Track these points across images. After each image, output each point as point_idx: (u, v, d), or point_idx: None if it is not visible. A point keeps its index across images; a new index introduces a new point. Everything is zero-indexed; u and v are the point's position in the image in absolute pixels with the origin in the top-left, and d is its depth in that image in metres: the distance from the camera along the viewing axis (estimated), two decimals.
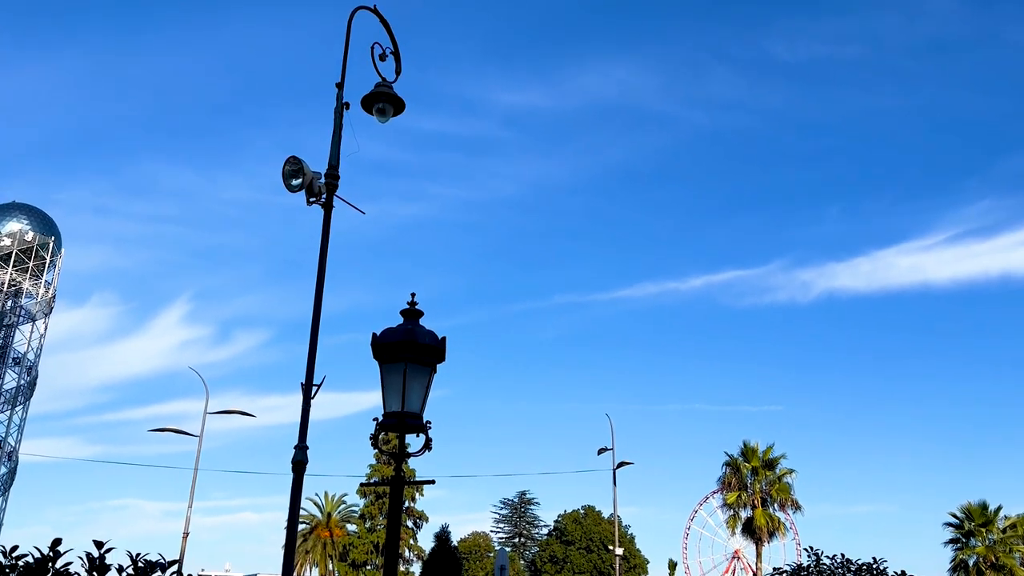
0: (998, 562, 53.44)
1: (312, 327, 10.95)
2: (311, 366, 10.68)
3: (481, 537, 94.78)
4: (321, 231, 11.37)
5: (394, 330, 6.65)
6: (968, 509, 56.16)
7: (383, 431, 6.55)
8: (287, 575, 10.04)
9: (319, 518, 72.85)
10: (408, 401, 6.49)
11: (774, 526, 52.55)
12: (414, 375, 6.54)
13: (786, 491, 52.77)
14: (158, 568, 7.07)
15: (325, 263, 11.13)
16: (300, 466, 10.35)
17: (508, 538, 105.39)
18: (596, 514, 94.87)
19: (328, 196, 11.19)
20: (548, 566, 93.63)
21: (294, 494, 10.25)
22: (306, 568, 73.47)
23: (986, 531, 55.01)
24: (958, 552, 55.50)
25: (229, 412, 33.24)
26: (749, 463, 53.81)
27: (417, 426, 6.53)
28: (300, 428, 10.64)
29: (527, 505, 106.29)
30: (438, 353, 6.67)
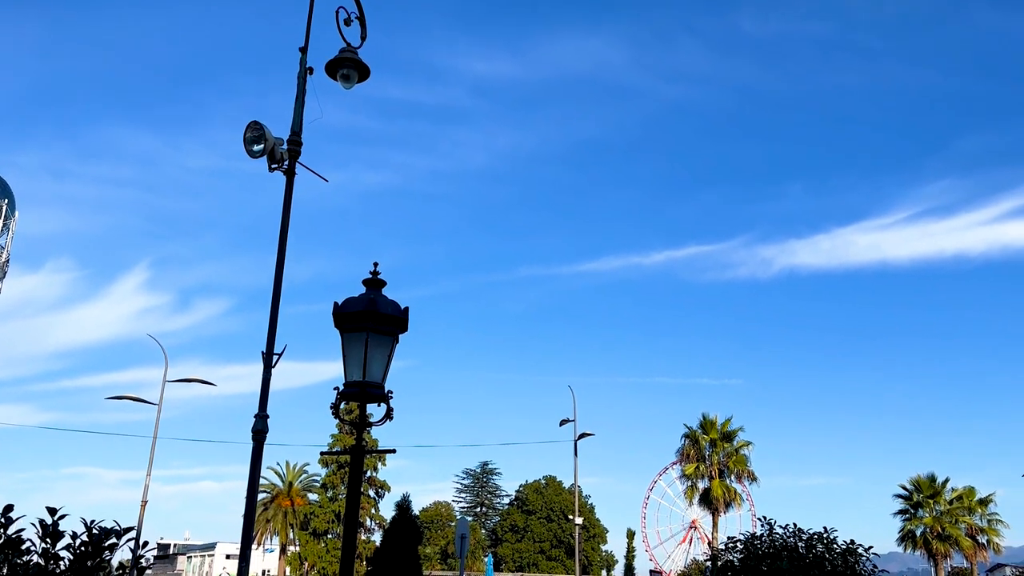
0: (944, 532, 55.23)
1: (273, 296, 10.83)
2: (272, 335, 10.59)
3: (443, 507, 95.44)
4: (283, 198, 11.25)
5: (356, 299, 6.60)
6: (917, 481, 57.86)
7: (344, 400, 6.52)
8: (246, 543, 10.03)
9: (280, 487, 72.69)
10: (369, 371, 6.46)
11: (730, 497, 53.61)
12: (376, 345, 6.50)
13: (743, 463, 53.79)
14: (113, 535, 7.01)
15: (287, 231, 10.99)
16: (260, 435, 10.30)
17: (470, 508, 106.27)
18: (557, 484, 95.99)
19: (290, 163, 11.02)
20: (509, 535, 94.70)
21: (254, 463, 10.20)
22: (267, 536, 73.38)
23: (933, 502, 56.77)
24: (906, 523, 57.24)
25: (188, 380, 32.86)
26: (707, 435, 54.69)
27: (379, 396, 6.50)
28: (260, 397, 10.56)
29: (489, 475, 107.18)
30: (400, 323, 6.64)
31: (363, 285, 6.77)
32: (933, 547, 55.40)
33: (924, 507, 56.79)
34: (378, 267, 6.90)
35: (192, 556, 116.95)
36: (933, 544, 55.36)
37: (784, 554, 8.61)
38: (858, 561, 8.55)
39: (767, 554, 8.69)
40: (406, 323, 6.69)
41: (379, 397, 6.52)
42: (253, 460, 10.35)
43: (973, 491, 58.37)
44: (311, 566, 59.30)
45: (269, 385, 10.70)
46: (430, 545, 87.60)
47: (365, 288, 6.76)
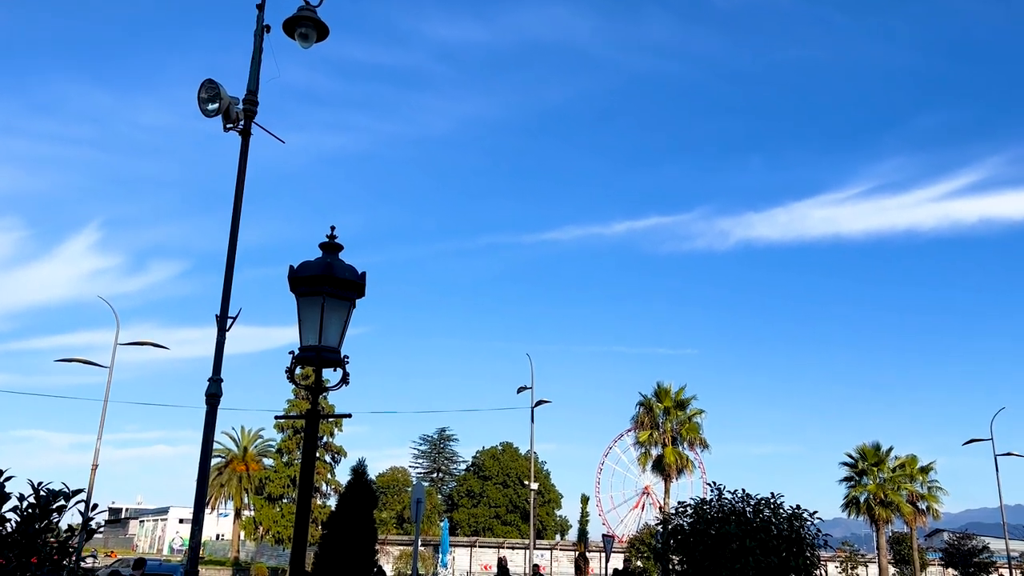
0: (887, 499, 57.14)
1: (228, 258, 10.67)
2: (226, 298, 10.45)
3: (400, 472, 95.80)
4: (238, 159, 11.03)
5: (312, 263, 6.52)
6: (862, 450, 59.63)
7: (299, 365, 6.47)
8: (199, 507, 9.97)
9: (235, 452, 72.20)
10: (326, 335, 6.41)
11: (683, 463, 54.65)
12: (332, 309, 6.44)
13: (695, 431, 54.79)
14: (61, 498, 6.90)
15: (242, 193, 10.80)
16: (214, 399, 10.20)
17: (427, 473, 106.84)
18: (514, 451, 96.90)
19: (246, 123, 10.79)
20: (465, 500, 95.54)
21: (207, 427, 10.11)
22: (221, 501, 72.98)
23: (877, 470, 58.61)
24: (851, 489, 59.05)
25: (141, 344, 32.32)
26: (662, 403, 55.53)
27: (335, 360, 6.47)
28: (215, 361, 10.45)
29: (446, 441, 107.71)
30: (357, 288, 6.58)
31: (320, 249, 6.70)
32: (876, 513, 57.32)
33: (868, 475, 58.63)
34: (335, 231, 6.82)
35: (144, 520, 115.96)
36: (876, 510, 57.26)
37: (732, 518, 8.81)
38: (803, 525, 8.79)
39: (716, 518, 8.88)
40: (363, 288, 6.64)
41: (335, 362, 6.49)
42: (207, 424, 10.26)
43: (915, 459, 60.40)
44: (266, 530, 59.22)
45: (223, 349, 10.58)
46: (386, 510, 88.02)
47: (322, 252, 6.68)
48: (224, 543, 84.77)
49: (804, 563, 8.74)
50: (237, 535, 70.49)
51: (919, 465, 60.16)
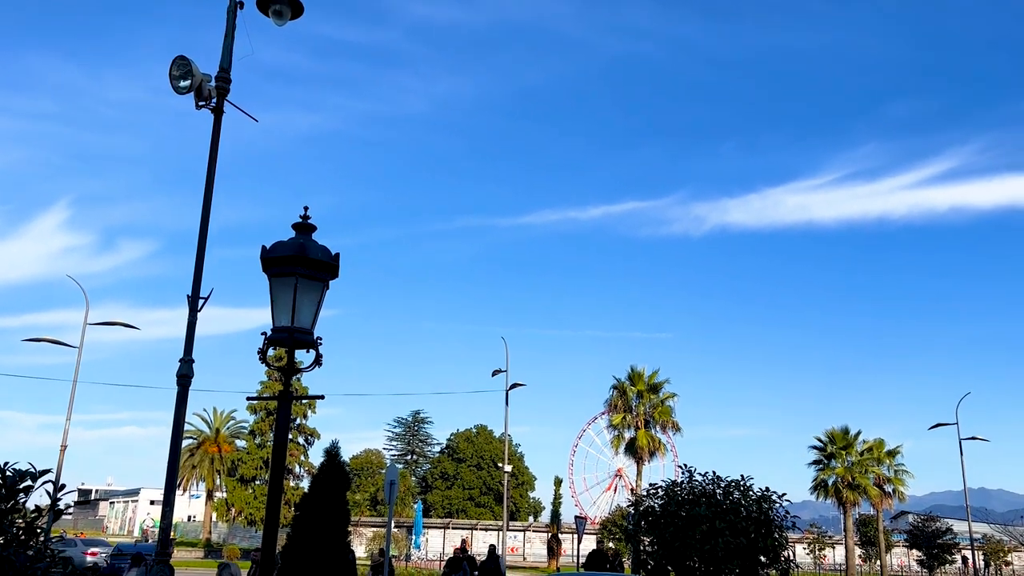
0: (854, 481, 58.10)
1: (199, 237, 10.56)
2: (198, 278, 10.35)
3: (374, 454, 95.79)
4: (211, 137, 10.88)
5: (285, 243, 6.46)
6: (831, 434, 60.52)
7: (272, 346, 6.41)
8: (169, 489, 9.91)
9: (207, 433, 71.75)
10: (298, 316, 6.36)
11: (655, 446, 55.14)
12: (305, 290, 6.39)
13: (668, 414, 55.26)
14: (28, 478, 6.82)
15: (214, 171, 10.68)
16: (185, 380, 10.13)
17: (401, 455, 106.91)
18: (488, 433, 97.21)
19: (218, 101, 10.65)
20: (439, 482, 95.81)
21: (179, 408, 10.04)
22: (193, 482, 72.59)
23: (846, 454, 59.53)
24: (820, 472, 59.95)
25: (111, 324, 31.93)
26: (635, 387, 55.92)
27: (308, 342, 6.42)
28: (186, 342, 10.36)
29: (420, 424, 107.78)
30: (331, 269, 6.53)
31: (293, 229, 6.63)
32: (843, 496, 58.28)
33: (837, 458, 59.54)
34: (308, 211, 6.75)
35: (115, 502, 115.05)
36: (844, 493, 58.22)
37: (703, 500, 8.91)
38: (772, 508, 8.92)
39: (686, 500, 8.98)
40: (337, 269, 6.59)
41: (308, 343, 6.44)
42: (178, 405, 10.19)
43: (882, 443, 61.42)
44: (238, 512, 59.01)
45: (195, 329, 10.50)
46: (360, 492, 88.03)
47: (295, 232, 6.62)
48: (196, 525, 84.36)
49: (772, 544, 8.87)
50: (209, 516, 70.20)
51: (886, 449, 61.19)
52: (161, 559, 9.56)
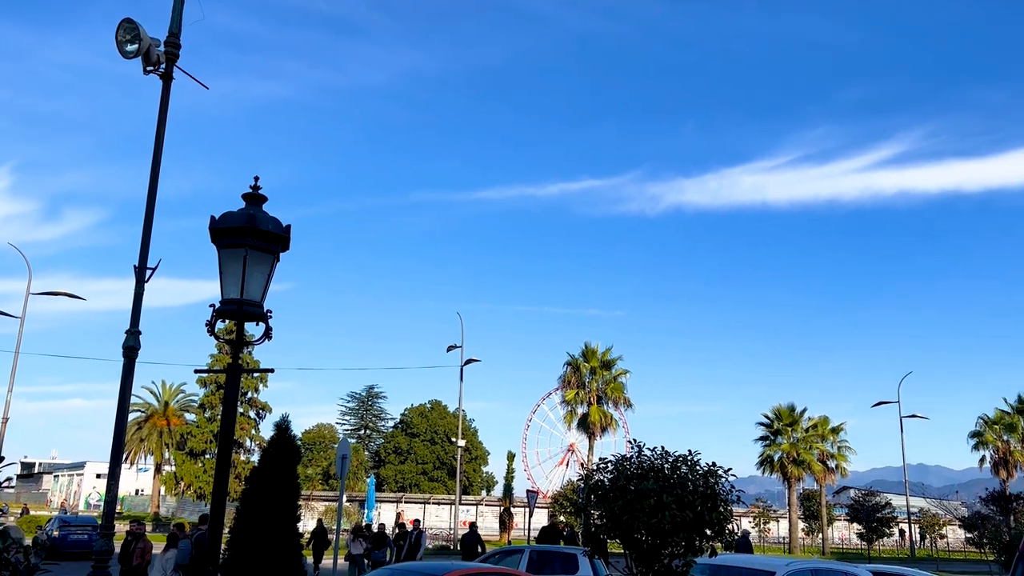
0: (799, 457, 59.64)
1: (147, 207, 10.32)
2: (145, 249, 10.13)
3: (326, 429, 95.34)
4: (159, 104, 10.60)
5: (235, 214, 6.34)
6: (778, 411, 61.95)
7: (220, 318, 6.31)
8: (115, 462, 9.75)
9: (156, 407, 70.62)
10: (248, 289, 6.26)
11: (607, 422, 55.89)
12: (255, 262, 6.29)
13: (620, 390, 55.99)
14: None
15: (163, 139, 10.42)
16: (132, 352, 9.94)
17: (354, 430, 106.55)
18: (442, 408, 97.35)
19: (167, 66, 10.38)
20: (392, 457, 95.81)
21: (124, 380, 9.86)
22: (141, 456, 71.50)
23: (791, 430, 61.04)
24: (766, 448, 61.41)
25: (55, 294, 31.15)
26: (588, 363, 56.50)
27: (257, 315, 6.33)
28: (132, 313, 10.16)
29: (374, 399, 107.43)
30: (282, 241, 6.44)
31: (243, 200, 6.51)
32: (788, 471, 59.82)
33: (783, 434, 61.02)
34: (259, 181, 6.64)
35: (59, 475, 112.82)
36: (789, 468, 59.75)
37: (651, 475, 9.05)
38: (718, 482, 9.09)
39: (635, 475, 9.11)
40: (288, 241, 6.50)
41: (258, 316, 6.35)
42: (124, 377, 10.00)
43: (827, 420, 63.08)
44: (187, 486, 58.31)
45: (142, 301, 10.29)
46: (312, 466, 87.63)
47: (245, 203, 6.50)
48: (144, 498, 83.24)
49: (718, 517, 9.07)
50: (157, 490, 69.29)
51: (830, 426, 62.88)
52: (106, 533, 9.44)
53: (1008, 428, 61.98)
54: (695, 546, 9.00)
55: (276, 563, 9.32)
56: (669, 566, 8.95)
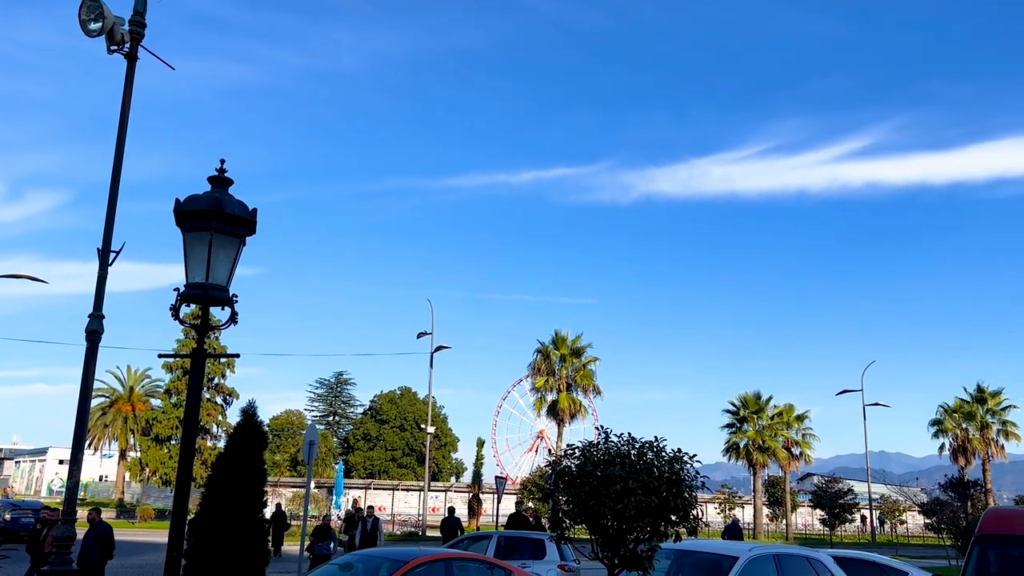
0: (764, 444, 60.50)
1: (111, 189, 10.14)
2: (109, 231, 9.96)
3: (295, 415, 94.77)
4: (123, 84, 10.39)
5: (200, 197, 6.25)
6: (744, 398, 62.74)
7: (185, 302, 6.24)
8: (77, 447, 9.61)
9: (121, 392, 69.72)
10: (213, 273, 6.19)
11: (576, 408, 56.23)
12: (221, 246, 6.22)
13: (589, 377, 56.35)
14: None
15: (127, 120, 10.23)
16: (95, 335, 9.79)
17: (322, 416, 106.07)
18: (412, 395, 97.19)
19: (132, 46, 10.18)
20: (361, 443, 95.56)
21: (87, 364, 9.71)
22: (105, 442, 70.58)
23: (757, 418, 61.87)
24: (732, 435, 62.20)
25: (16, 276, 30.53)
26: (558, 351, 56.75)
27: (222, 299, 6.26)
28: (96, 296, 9.99)
29: (343, 385, 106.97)
30: (248, 225, 6.37)
31: (208, 183, 6.42)
32: (754, 458, 60.66)
33: (749, 422, 61.83)
34: (225, 164, 6.55)
35: (21, 461, 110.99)
36: (754, 455, 60.59)
37: (617, 460, 9.13)
38: (683, 468, 9.20)
39: (602, 460, 9.19)
40: (254, 225, 6.43)
41: (223, 300, 6.29)
42: (87, 362, 9.84)
43: (792, 408, 64.02)
44: (152, 472, 57.69)
45: (105, 284, 10.12)
46: (280, 453, 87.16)
47: (211, 186, 6.41)
48: (108, 484, 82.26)
49: (683, 503, 9.18)
50: (122, 476, 68.49)
51: (795, 413, 63.83)
52: (67, 519, 9.32)
53: (967, 416, 63.37)
54: (660, 531, 9.11)
55: (241, 549, 9.27)
56: (634, 551, 9.05)
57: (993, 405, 63.09)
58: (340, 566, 11.89)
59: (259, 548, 9.28)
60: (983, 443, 62.63)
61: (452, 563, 11.66)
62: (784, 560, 11.18)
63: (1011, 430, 62.64)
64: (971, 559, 8.87)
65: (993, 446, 62.68)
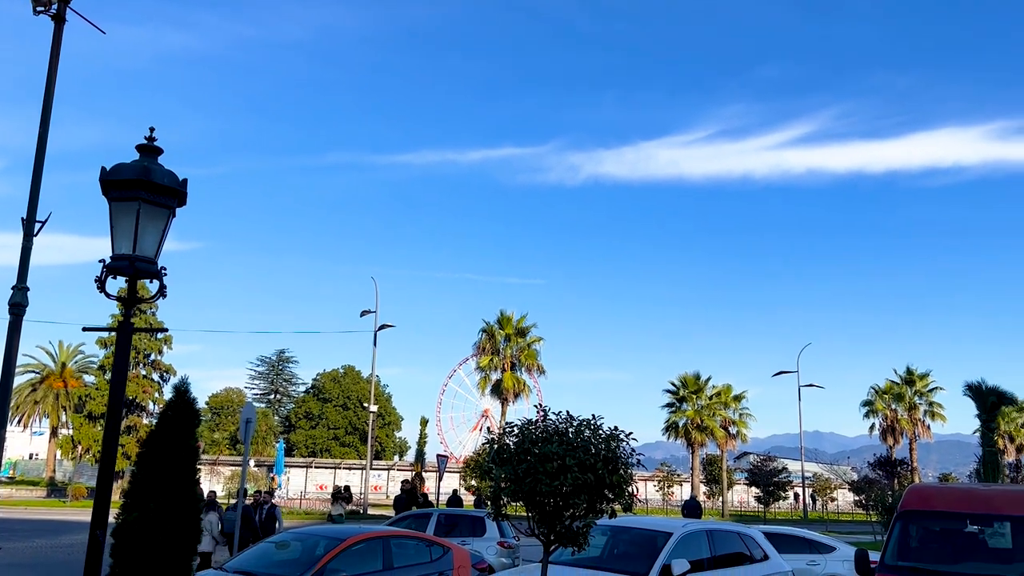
0: (703, 424, 61.80)
1: (36, 157, 9.76)
2: (34, 201, 9.60)
3: (235, 393, 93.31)
4: (51, 48, 9.98)
5: (127, 166, 6.03)
6: (684, 379, 63.91)
7: (112, 275, 6.04)
8: (1, 424, 9.28)
9: (52, 368, 67.70)
10: (141, 244, 6.00)
11: (520, 388, 56.56)
12: (149, 217, 6.02)
13: (534, 357, 56.71)
14: None
15: (54, 85, 9.84)
16: (18, 308, 9.45)
17: (263, 395, 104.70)
18: (356, 373, 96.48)
19: (60, 7, 9.78)
20: (303, 422, 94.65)
21: (10, 338, 9.38)
22: (35, 418, 68.54)
23: (696, 398, 63.10)
24: (672, 414, 63.37)
25: None
26: (504, 330, 56.93)
27: (150, 271, 6.08)
28: (20, 268, 9.64)
29: (285, 363, 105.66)
30: (178, 195, 6.17)
31: (136, 151, 6.20)
32: (692, 437, 61.93)
33: (688, 401, 63.03)
34: (155, 132, 6.33)
35: None
36: (693, 434, 61.85)
37: (555, 438, 9.19)
38: (619, 446, 9.30)
39: (540, 438, 9.24)
40: (184, 196, 6.24)
41: (151, 273, 6.10)
42: (10, 335, 9.51)
43: (730, 388, 65.45)
44: (85, 449, 56.23)
45: (30, 255, 9.77)
46: (220, 431, 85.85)
47: (139, 155, 6.19)
48: (39, 462, 79.91)
49: (618, 480, 9.29)
50: (53, 454, 66.61)
51: (733, 394, 65.27)
52: None
53: (897, 398, 65.63)
54: (596, 508, 9.22)
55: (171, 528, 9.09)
56: (570, 527, 9.14)
57: (921, 387, 65.45)
58: (277, 544, 11.80)
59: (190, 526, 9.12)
60: (911, 423, 64.98)
61: (390, 541, 11.65)
62: (716, 536, 11.44)
63: (937, 411, 65.13)
64: (893, 534, 9.18)
65: (920, 426, 65.09)
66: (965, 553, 9.04)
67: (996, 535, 9.17)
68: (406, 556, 11.65)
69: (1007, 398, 33.52)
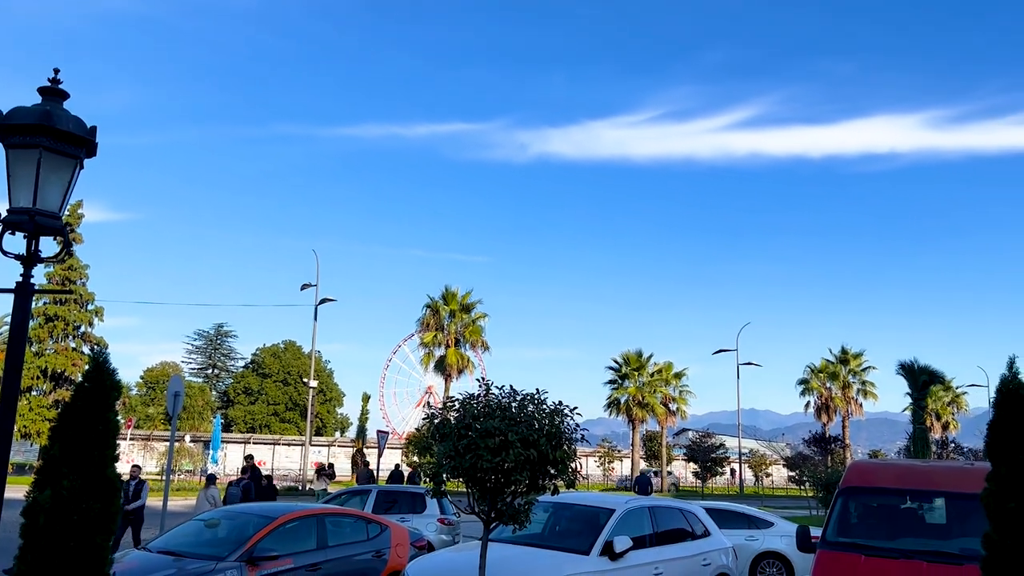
0: (644, 400, 62.50)
1: None
2: None
3: (171, 367, 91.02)
4: None
5: (27, 109, 5.43)
6: (626, 356, 64.45)
7: (8, 230, 5.46)
8: None
9: None
10: (42, 197, 5.43)
11: (464, 364, 56.28)
12: (52, 167, 5.44)
13: (478, 333, 56.43)
14: None
15: None
16: None
17: (201, 369, 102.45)
18: (296, 349, 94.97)
19: None
20: (242, 397, 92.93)
21: None
22: None
23: (638, 375, 63.72)
24: (614, 391, 63.93)
25: None
26: (448, 306, 56.48)
27: (53, 227, 5.51)
28: None
29: (223, 337, 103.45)
30: (85, 144, 5.60)
31: (38, 94, 5.59)
32: (634, 413, 62.63)
33: (630, 378, 63.62)
34: (59, 74, 5.73)
35: None
36: (634, 410, 62.54)
37: (497, 413, 8.90)
38: (563, 421, 9.07)
39: (482, 413, 8.94)
40: (94, 145, 5.66)
41: (54, 229, 5.53)
42: None
43: (671, 366, 66.29)
44: None
45: None
46: (155, 406, 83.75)
47: (42, 98, 5.59)
48: None
49: (562, 456, 9.06)
50: None
51: (674, 371, 66.13)
52: None
53: (831, 376, 67.32)
54: (539, 484, 8.97)
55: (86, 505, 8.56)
56: (512, 504, 8.88)
57: (855, 366, 67.24)
58: (206, 523, 11.32)
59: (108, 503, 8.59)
60: (844, 401, 66.79)
61: (325, 519, 11.25)
62: (658, 512, 11.32)
63: (870, 389, 67.04)
64: (835, 509, 9.15)
65: (853, 404, 66.96)
66: (904, 529, 9.06)
67: (933, 510, 9.23)
68: (342, 534, 11.29)
69: (937, 377, 34.47)
